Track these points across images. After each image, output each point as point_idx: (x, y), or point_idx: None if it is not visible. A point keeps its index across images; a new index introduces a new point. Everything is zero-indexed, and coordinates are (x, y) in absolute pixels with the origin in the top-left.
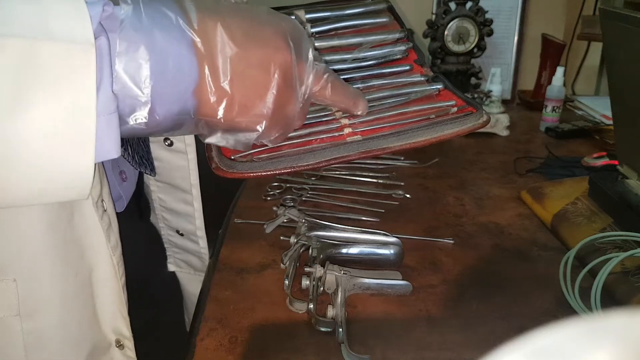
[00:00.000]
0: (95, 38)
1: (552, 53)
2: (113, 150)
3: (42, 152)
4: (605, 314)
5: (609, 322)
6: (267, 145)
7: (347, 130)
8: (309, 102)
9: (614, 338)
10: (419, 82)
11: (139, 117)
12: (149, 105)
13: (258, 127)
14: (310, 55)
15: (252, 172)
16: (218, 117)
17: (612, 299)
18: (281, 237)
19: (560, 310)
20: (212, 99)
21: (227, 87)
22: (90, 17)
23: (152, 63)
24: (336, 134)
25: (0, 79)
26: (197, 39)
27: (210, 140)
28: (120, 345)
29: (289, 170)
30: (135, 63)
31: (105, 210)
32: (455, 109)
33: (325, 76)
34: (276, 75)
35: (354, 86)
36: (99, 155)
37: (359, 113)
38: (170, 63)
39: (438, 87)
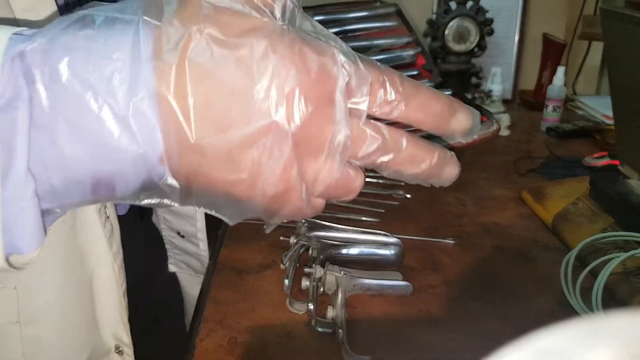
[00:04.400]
0: (7, 105)
1: (553, 53)
2: (33, 243)
3: None
4: (606, 314)
5: (610, 322)
6: None
7: None
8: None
9: (615, 339)
10: None
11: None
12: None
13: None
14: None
15: None
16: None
17: (613, 299)
18: (281, 238)
19: (561, 310)
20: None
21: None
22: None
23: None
24: None
25: None
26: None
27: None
28: (119, 351)
29: None
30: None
31: (108, 217)
32: None
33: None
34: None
35: None
36: (10, 248)
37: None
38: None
39: (447, 94)
